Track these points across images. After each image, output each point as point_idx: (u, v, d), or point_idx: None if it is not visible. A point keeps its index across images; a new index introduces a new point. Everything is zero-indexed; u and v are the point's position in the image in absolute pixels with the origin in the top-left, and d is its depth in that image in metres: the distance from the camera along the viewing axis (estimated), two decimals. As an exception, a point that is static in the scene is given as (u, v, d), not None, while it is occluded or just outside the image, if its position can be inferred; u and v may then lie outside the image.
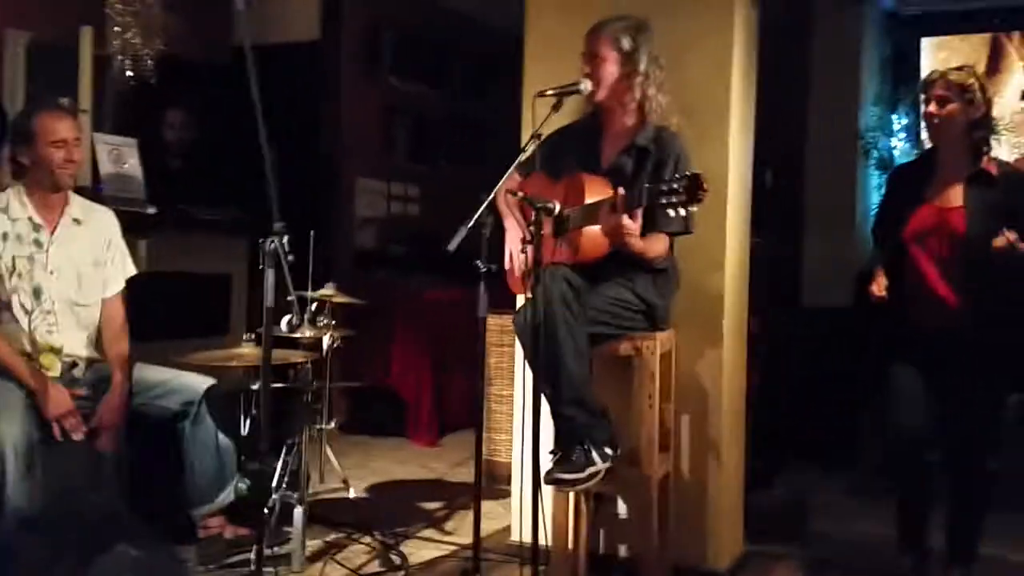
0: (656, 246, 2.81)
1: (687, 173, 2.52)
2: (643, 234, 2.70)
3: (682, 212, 2.51)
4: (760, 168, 3.89)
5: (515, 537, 3.47)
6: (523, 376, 2.70)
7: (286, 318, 2.93)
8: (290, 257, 2.52)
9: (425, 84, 6.68)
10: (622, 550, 3.30)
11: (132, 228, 3.93)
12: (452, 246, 2.52)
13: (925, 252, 2.93)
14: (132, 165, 4.25)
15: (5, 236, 2.98)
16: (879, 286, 2.97)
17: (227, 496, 3.18)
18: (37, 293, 3.02)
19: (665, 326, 2.96)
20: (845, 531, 3.85)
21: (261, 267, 2.47)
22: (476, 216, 2.58)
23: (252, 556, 2.73)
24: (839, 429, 4.67)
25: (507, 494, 3.75)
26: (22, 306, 3.00)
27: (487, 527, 3.69)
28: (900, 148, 5.88)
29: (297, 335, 3.21)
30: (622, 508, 3.28)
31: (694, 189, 2.47)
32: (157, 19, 4.73)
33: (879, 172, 5.83)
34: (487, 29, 6.47)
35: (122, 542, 2.20)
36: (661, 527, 2.95)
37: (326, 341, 3.18)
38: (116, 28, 4.52)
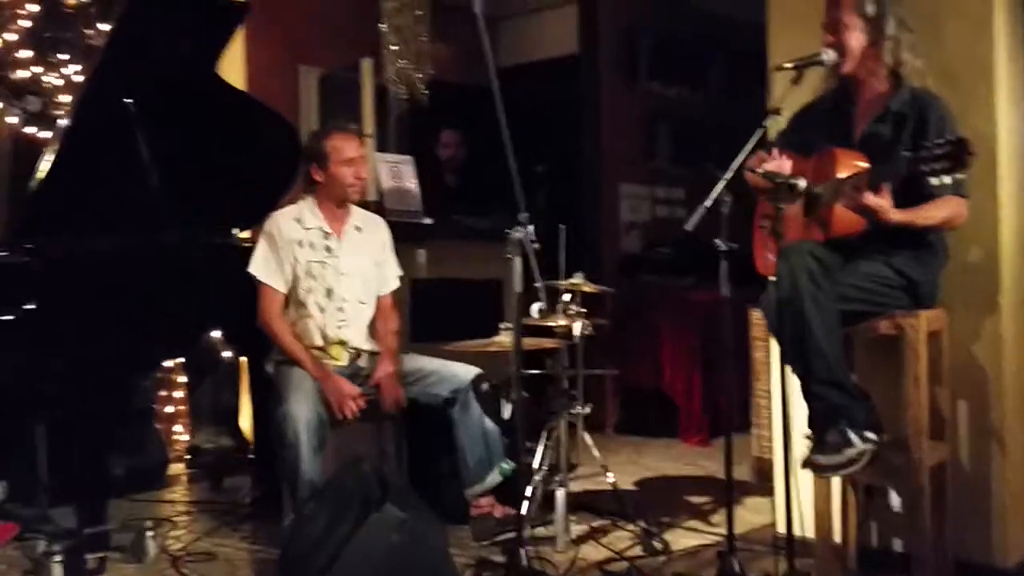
0: (937, 211, 2.61)
1: (950, 137, 2.37)
2: (912, 204, 2.57)
3: (947, 180, 2.35)
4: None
5: (779, 530, 3.37)
6: (780, 367, 2.63)
7: (536, 305, 3.07)
8: (536, 245, 2.66)
9: (684, 87, 6.70)
10: (897, 544, 3.11)
11: (411, 238, 4.31)
12: (690, 225, 2.54)
13: None
14: (410, 180, 4.63)
15: (301, 243, 3.37)
16: None
17: (494, 477, 3.37)
18: (330, 293, 3.38)
19: (932, 304, 2.77)
20: None
21: (508, 256, 2.63)
22: (714, 195, 2.58)
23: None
24: None
25: (776, 490, 3.66)
26: (317, 304, 3.37)
27: (755, 521, 3.65)
28: None
29: (549, 323, 3.34)
30: (895, 500, 3.09)
31: (960, 154, 2.29)
32: (427, 47, 5.15)
33: None
34: (743, 27, 6.34)
35: (390, 504, 2.42)
36: (937, 519, 2.75)
37: (577, 329, 3.29)
38: (391, 58, 4.97)
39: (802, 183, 2.62)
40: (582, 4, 6.30)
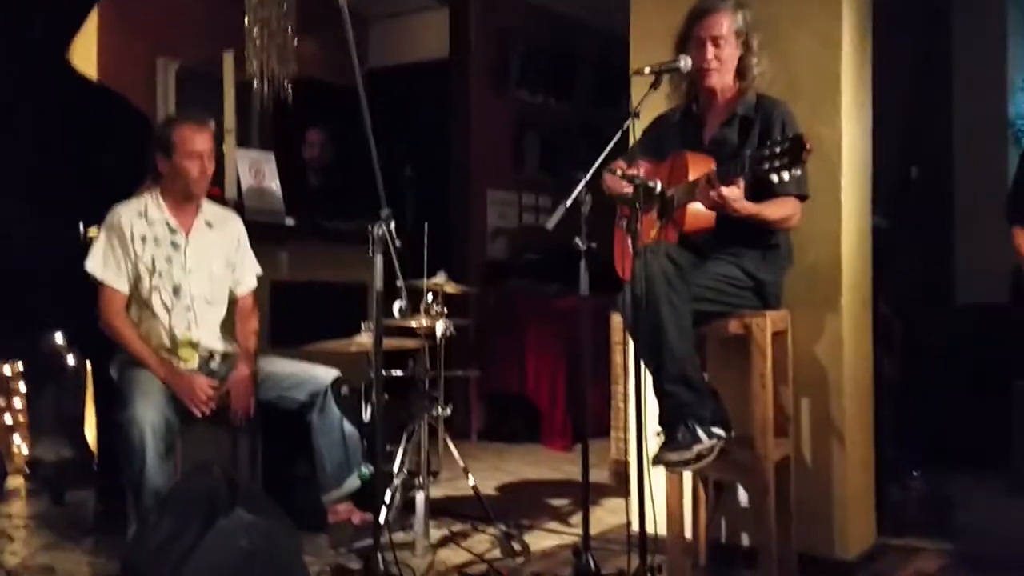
0: (779, 209, 2.73)
1: (788, 135, 2.48)
2: (758, 201, 2.67)
3: (785, 176, 2.45)
4: (904, 161, 3.75)
5: (634, 528, 3.42)
6: (636, 368, 2.68)
7: (397, 304, 3.03)
8: (397, 243, 2.62)
9: (552, 96, 6.79)
10: (745, 539, 3.22)
11: (271, 238, 4.19)
12: (551, 225, 2.57)
13: None
14: (271, 179, 4.50)
15: (144, 238, 3.21)
16: None
17: (353, 482, 3.30)
18: (176, 291, 3.23)
19: (777, 304, 2.88)
20: (996, 529, 3.61)
21: (370, 254, 2.58)
22: (574, 195, 2.61)
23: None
24: (989, 429, 4.39)
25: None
26: (163, 303, 3.22)
27: (612, 521, 3.71)
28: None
29: (411, 323, 3.31)
30: (743, 496, 3.20)
31: (796, 150, 2.41)
32: (292, 43, 5.04)
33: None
34: (611, 38, 6.50)
35: (239, 507, 2.33)
36: (782, 514, 2.86)
37: (439, 329, 3.27)
38: (255, 52, 4.84)
39: (657, 185, 2.69)
40: (454, 9, 6.31)
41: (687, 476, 2.97)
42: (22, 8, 3.27)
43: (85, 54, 4.68)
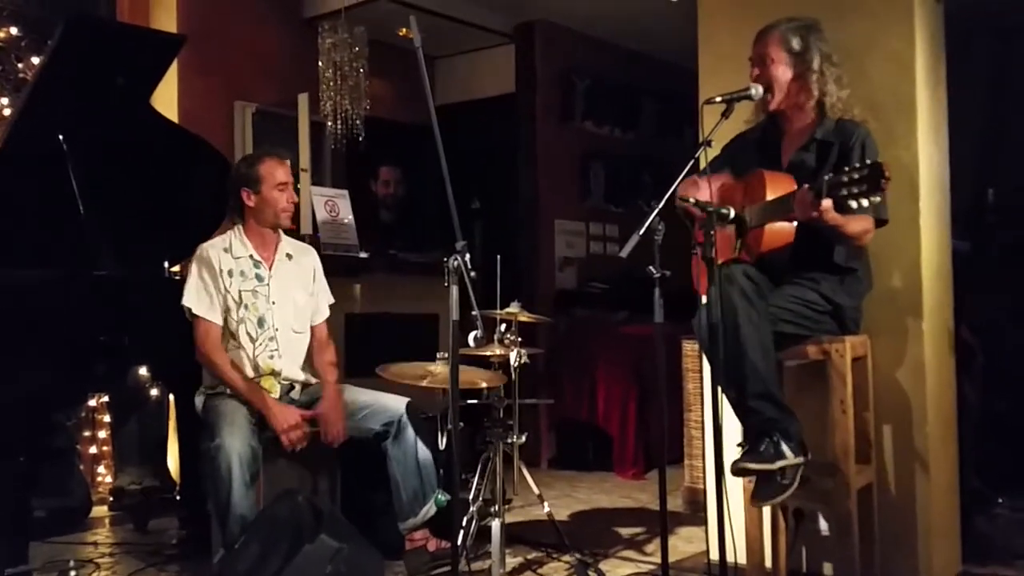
0: (856, 224, 2.67)
1: (867, 162, 2.47)
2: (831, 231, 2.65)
3: (864, 203, 2.44)
4: (980, 183, 3.68)
5: (712, 557, 3.39)
6: (712, 392, 2.67)
7: (472, 333, 3.07)
8: (472, 273, 2.66)
9: (617, 126, 6.85)
10: (827, 568, 3.16)
11: (346, 271, 4.29)
12: (624, 252, 2.58)
13: None
14: (345, 214, 4.62)
15: (231, 272, 3.33)
16: None
17: (429, 510, 3.33)
18: (261, 322, 3.34)
19: (856, 329, 2.85)
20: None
21: (446, 284, 2.63)
22: (647, 223, 2.63)
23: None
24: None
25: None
26: (248, 334, 3.32)
27: (687, 549, 3.68)
28: None
29: (486, 352, 3.34)
30: (823, 524, 3.15)
31: (876, 177, 2.39)
32: (364, 84, 5.18)
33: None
34: (673, 69, 6.55)
35: (324, 534, 2.38)
36: (865, 542, 2.81)
37: (514, 358, 3.30)
38: (328, 94, 4.99)
39: (731, 211, 2.70)
40: (519, 45, 6.41)
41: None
42: (109, 59, 3.42)
43: (167, 97, 4.89)
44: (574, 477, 5.44)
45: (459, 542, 2.95)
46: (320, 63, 5.26)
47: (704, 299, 2.66)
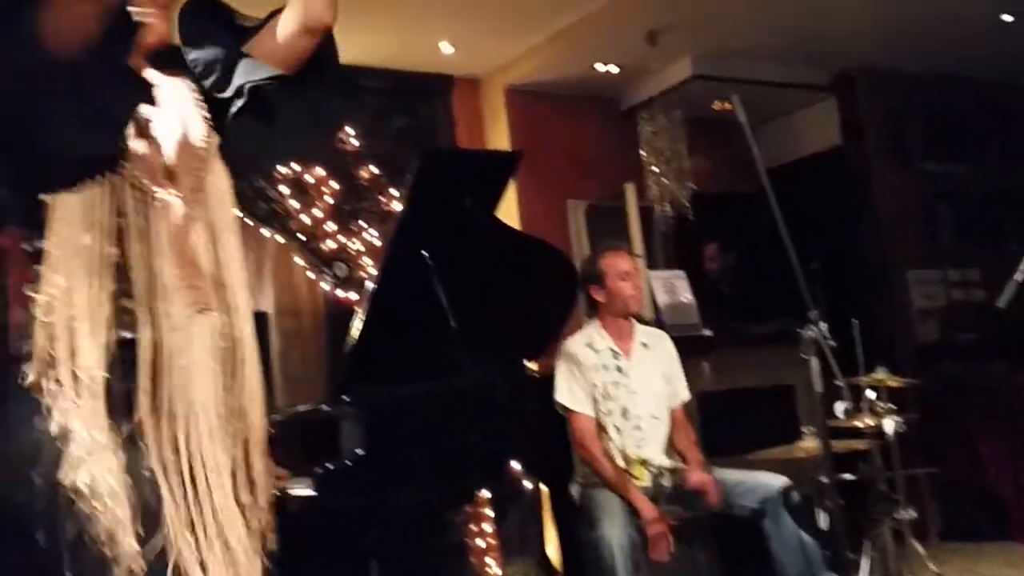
0: None
1: None
2: None
3: None
4: None
5: None
6: None
7: (840, 405, 2.94)
8: (831, 342, 2.57)
9: (960, 162, 6.31)
10: None
11: (693, 351, 4.30)
12: (1002, 302, 2.38)
13: None
14: (685, 294, 4.66)
15: (595, 367, 3.48)
16: None
17: (819, 592, 3.19)
18: (625, 412, 3.44)
19: None
20: None
21: (803, 356, 2.56)
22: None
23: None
24: None
25: None
26: (615, 426, 3.43)
27: None
28: None
29: (856, 422, 3.18)
30: None
31: None
32: (687, 164, 5.26)
33: None
34: (1016, 91, 5.98)
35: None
36: None
37: (889, 426, 3.10)
38: (654, 179, 5.11)
39: None
40: (840, 96, 6.19)
41: None
42: (460, 182, 3.75)
43: (509, 206, 5.26)
44: (970, 550, 4.92)
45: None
46: (643, 152, 5.41)
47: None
